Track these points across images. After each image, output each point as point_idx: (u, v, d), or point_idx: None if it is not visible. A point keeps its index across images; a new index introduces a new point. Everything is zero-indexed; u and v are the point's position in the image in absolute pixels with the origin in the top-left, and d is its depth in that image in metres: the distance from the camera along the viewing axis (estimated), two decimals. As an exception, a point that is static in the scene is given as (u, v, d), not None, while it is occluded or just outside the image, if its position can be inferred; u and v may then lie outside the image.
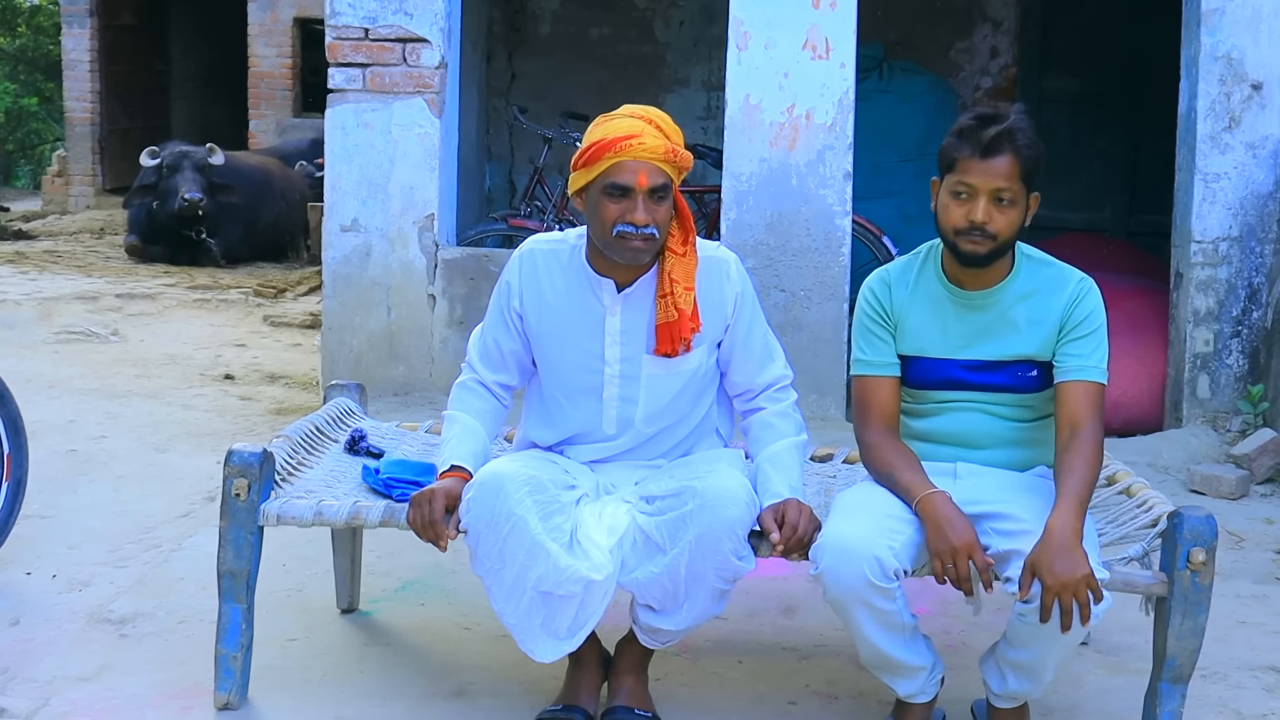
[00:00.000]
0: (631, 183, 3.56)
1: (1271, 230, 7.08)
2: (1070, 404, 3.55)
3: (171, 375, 8.41)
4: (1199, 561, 3.46)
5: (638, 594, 3.62)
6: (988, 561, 3.40)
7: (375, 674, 4.15)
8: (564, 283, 3.77)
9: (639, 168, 3.56)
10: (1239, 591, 5.05)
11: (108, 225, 15.70)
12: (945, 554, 3.38)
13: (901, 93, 9.73)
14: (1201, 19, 7.04)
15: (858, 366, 3.74)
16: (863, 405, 3.73)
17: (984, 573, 3.39)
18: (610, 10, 10.91)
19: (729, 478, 3.61)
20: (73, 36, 17.23)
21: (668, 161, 3.58)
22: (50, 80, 20.92)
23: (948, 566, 3.38)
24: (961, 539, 3.37)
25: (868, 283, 3.77)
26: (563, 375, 3.81)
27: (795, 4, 7.20)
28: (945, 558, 3.38)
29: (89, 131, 17.30)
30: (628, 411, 3.78)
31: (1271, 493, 6.32)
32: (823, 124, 7.21)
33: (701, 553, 3.50)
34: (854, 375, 3.76)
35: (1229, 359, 7.08)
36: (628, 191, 3.56)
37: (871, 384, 3.71)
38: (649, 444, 3.83)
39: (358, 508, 3.75)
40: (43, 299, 10.84)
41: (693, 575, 3.52)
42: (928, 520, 3.43)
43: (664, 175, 3.58)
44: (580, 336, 3.77)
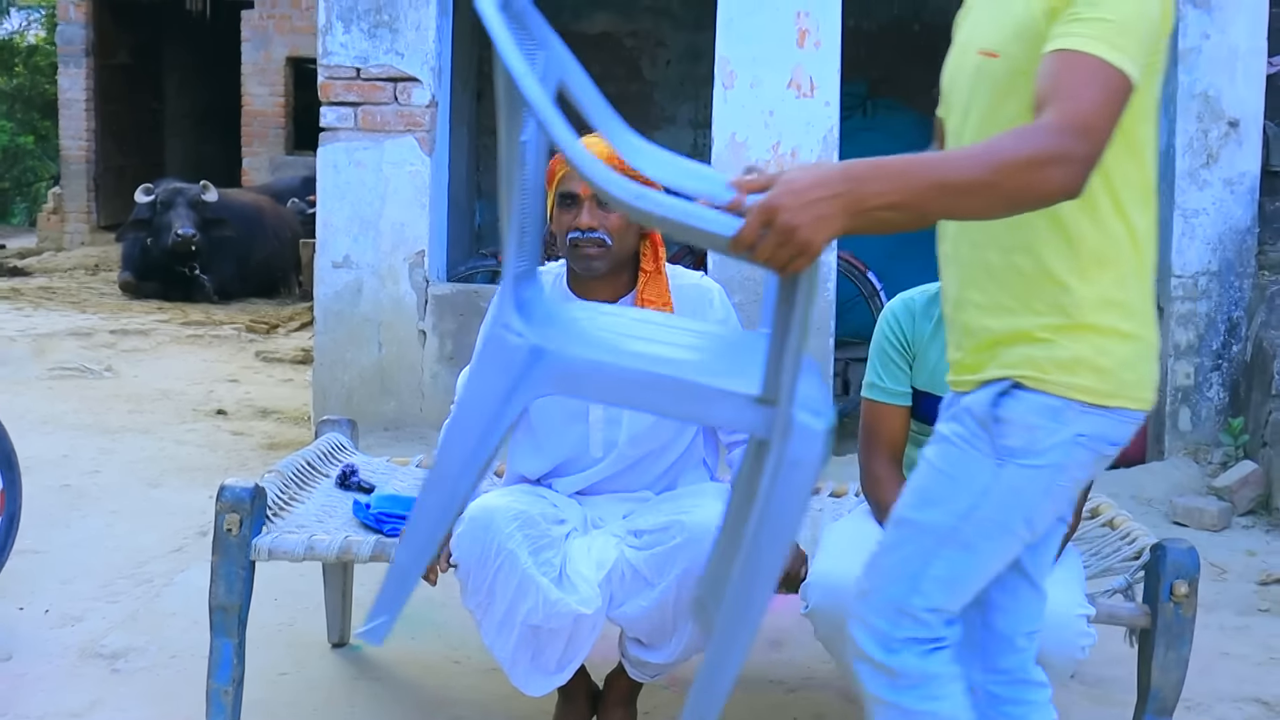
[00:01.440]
0: (576, 189, 3.63)
1: (1250, 265, 7.09)
2: None
3: (164, 411, 8.39)
4: (1182, 593, 3.45)
5: (627, 628, 3.61)
6: None
7: (366, 708, 4.13)
8: None
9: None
10: (1222, 623, 5.04)
11: (102, 262, 15.68)
12: None
13: (886, 130, 9.75)
14: (1179, 58, 7.07)
15: (870, 390, 3.67)
16: (870, 431, 3.67)
17: None
18: (598, 49, 10.93)
19: (714, 511, 3.59)
20: (69, 76, 17.23)
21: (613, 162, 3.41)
22: (46, 119, 20.93)
23: None
24: None
25: (891, 307, 3.69)
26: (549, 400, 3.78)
27: (780, 43, 7.22)
28: None
29: (84, 169, 17.30)
30: (612, 433, 3.75)
31: (1253, 524, 6.32)
32: (808, 161, 7.22)
33: (689, 586, 3.48)
34: (864, 398, 3.69)
35: (1210, 392, 7.09)
36: (574, 199, 3.65)
37: (883, 411, 3.64)
38: (634, 471, 3.80)
39: (349, 542, 3.73)
40: (37, 335, 10.81)
41: (680, 610, 3.50)
42: None
43: None
44: None
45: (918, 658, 2.59)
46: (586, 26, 10.98)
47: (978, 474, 2.54)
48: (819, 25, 7.23)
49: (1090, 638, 3.31)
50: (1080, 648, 3.29)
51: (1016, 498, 2.55)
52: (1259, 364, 6.86)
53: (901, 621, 2.58)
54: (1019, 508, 2.56)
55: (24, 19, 22.77)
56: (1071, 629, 3.28)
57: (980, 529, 2.56)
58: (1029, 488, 2.54)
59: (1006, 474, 2.53)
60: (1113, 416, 2.56)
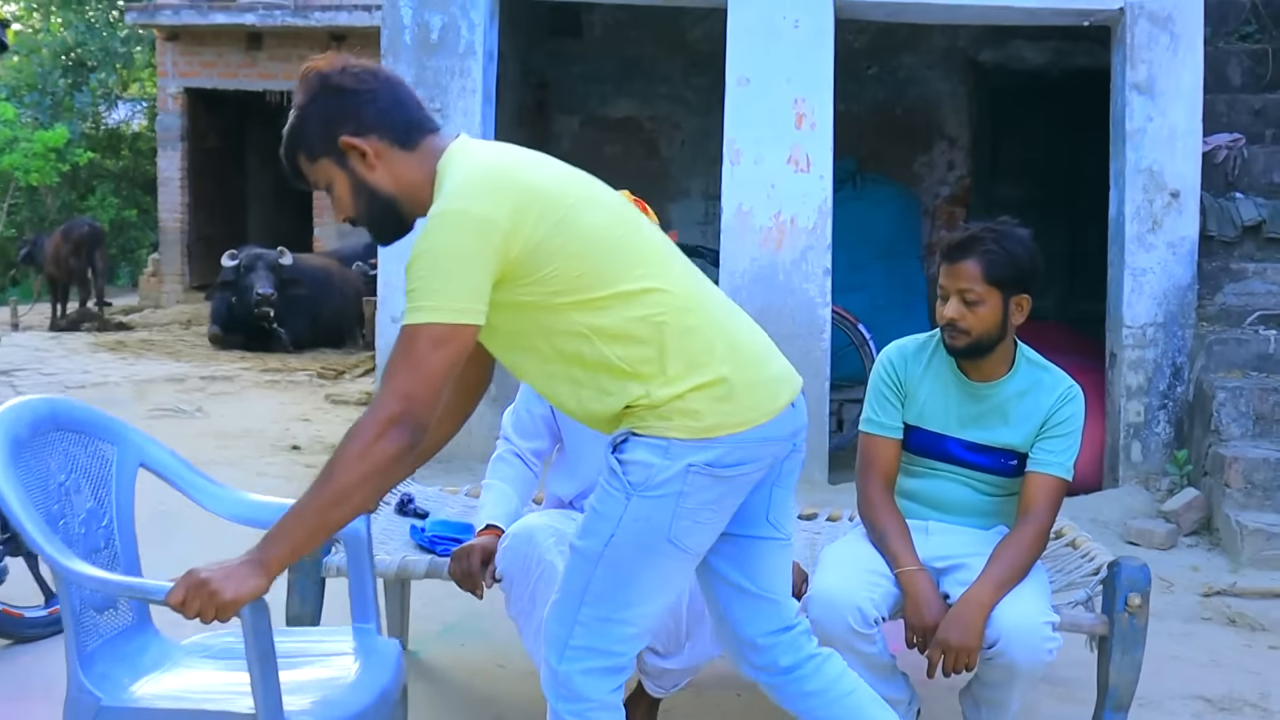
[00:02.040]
0: None
1: (1190, 317, 7.08)
2: (1031, 491, 3.52)
3: (247, 446, 8.39)
4: (1135, 604, 3.44)
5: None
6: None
7: (423, 706, 4.10)
8: None
9: None
10: (1170, 630, 5.01)
11: (194, 318, 15.73)
12: (919, 629, 3.38)
13: (872, 200, 9.75)
14: (1127, 137, 7.09)
15: (867, 425, 3.67)
16: (867, 460, 3.67)
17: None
18: (621, 131, 10.98)
19: None
20: (166, 158, 17.34)
21: None
22: (147, 195, 21.05)
23: (918, 639, 3.37)
24: (934, 619, 3.36)
25: (886, 352, 3.70)
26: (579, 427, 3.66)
27: (780, 125, 7.24)
28: (919, 632, 3.38)
29: (178, 238, 17.39)
30: None
31: (1196, 543, 6.29)
32: (805, 227, 7.23)
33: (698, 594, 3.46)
34: (861, 431, 3.69)
35: (1157, 428, 7.06)
36: None
37: (878, 442, 3.65)
38: None
39: (406, 562, 3.72)
40: (139, 380, 10.85)
41: (693, 614, 3.47)
42: (908, 594, 3.41)
43: None
44: None
45: (582, 674, 2.72)
46: (611, 111, 11.02)
47: (615, 507, 2.66)
48: (814, 110, 7.25)
49: (1056, 642, 3.29)
50: (1047, 651, 3.28)
51: (648, 523, 2.64)
52: (1200, 403, 6.83)
53: (574, 630, 2.72)
54: (654, 530, 2.65)
55: (129, 110, 22.93)
56: (1039, 635, 3.27)
57: (622, 551, 2.66)
58: (656, 513, 2.63)
59: (634, 505, 2.64)
60: (719, 444, 2.63)
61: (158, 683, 2.79)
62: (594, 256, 2.60)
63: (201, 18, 16.43)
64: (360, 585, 3.11)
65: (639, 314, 2.61)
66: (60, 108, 20.35)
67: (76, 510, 2.84)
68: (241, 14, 16.19)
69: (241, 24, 16.21)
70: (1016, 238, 3.50)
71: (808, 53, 7.26)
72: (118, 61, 21.20)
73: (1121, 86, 7.20)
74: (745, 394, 2.66)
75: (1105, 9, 7.21)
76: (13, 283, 20.99)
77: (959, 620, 3.29)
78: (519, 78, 10.35)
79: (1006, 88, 10.69)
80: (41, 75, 20.40)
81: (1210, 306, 7.32)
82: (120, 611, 2.89)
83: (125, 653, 2.84)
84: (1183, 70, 7.10)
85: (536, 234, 2.54)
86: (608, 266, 2.62)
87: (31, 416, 2.75)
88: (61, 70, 20.69)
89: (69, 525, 2.79)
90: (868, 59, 10.62)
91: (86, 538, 2.84)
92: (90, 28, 21.24)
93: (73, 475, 2.86)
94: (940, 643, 3.29)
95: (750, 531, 2.86)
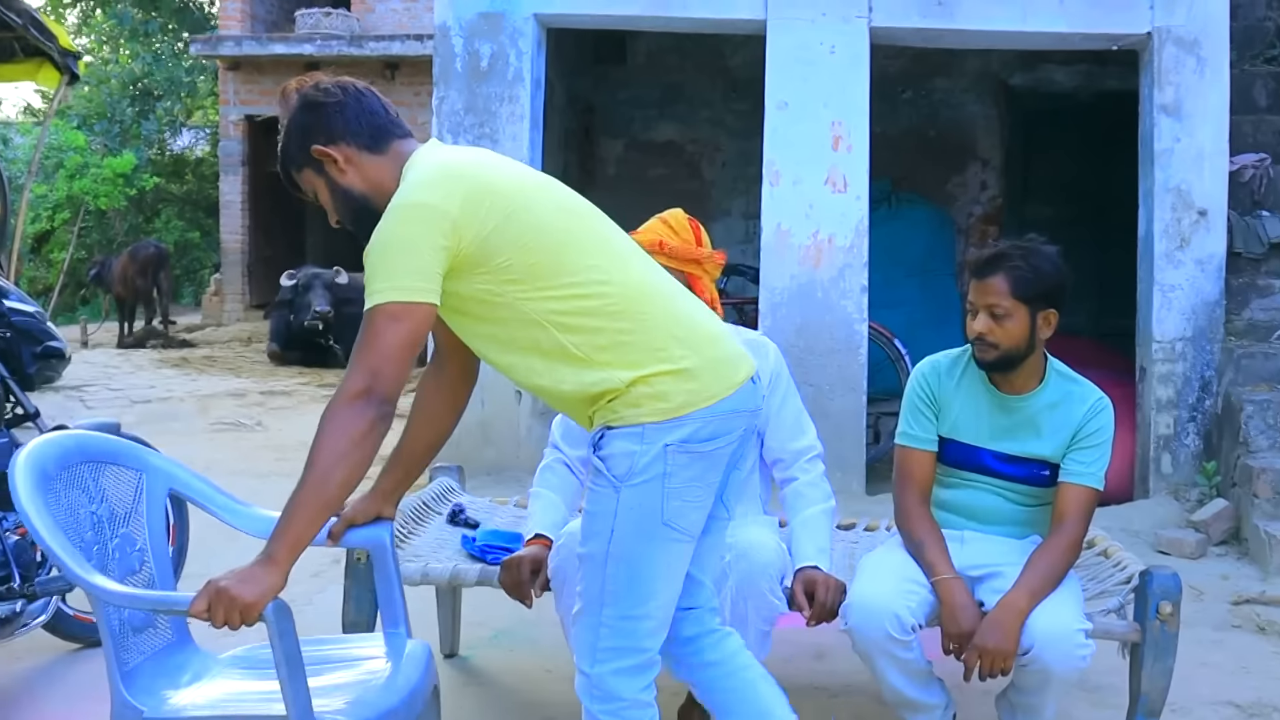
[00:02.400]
0: None
1: (1219, 332, 7.02)
2: (1064, 502, 3.49)
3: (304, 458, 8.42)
4: (1167, 612, 3.40)
5: None
6: None
7: (473, 708, 4.11)
8: None
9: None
10: (1200, 638, 4.95)
11: (254, 335, 15.85)
12: (955, 637, 3.36)
13: (907, 219, 9.74)
14: (1155, 157, 7.04)
15: (902, 438, 3.66)
16: (903, 473, 3.66)
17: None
18: (665, 155, 10.99)
19: (759, 533, 3.55)
20: (228, 182, 17.50)
21: (689, 260, 3.56)
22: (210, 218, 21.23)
23: (955, 646, 3.35)
24: (971, 626, 3.34)
25: (920, 368, 3.69)
26: None
27: (818, 148, 7.23)
28: (955, 639, 3.36)
29: (239, 259, 17.52)
30: None
31: (1225, 553, 6.22)
32: (842, 246, 7.21)
33: (742, 596, 3.44)
34: (898, 445, 3.68)
35: (1187, 440, 7.00)
36: None
37: (913, 455, 3.64)
38: None
39: (458, 570, 3.72)
40: (201, 395, 10.93)
41: (737, 619, 3.45)
42: (944, 603, 3.39)
43: (681, 274, 3.52)
44: None
45: (614, 675, 2.77)
46: (655, 135, 11.04)
47: (607, 504, 2.72)
48: (850, 132, 7.24)
49: (1089, 649, 3.27)
50: (1081, 657, 3.25)
51: (641, 510, 2.71)
52: (1228, 416, 6.77)
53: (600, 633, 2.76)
54: (648, 516, 2.71)
55: (193, 137, 23.14)
56: (1073, 642, 3.24)
57: (625, 545, 2.72)
58: (647, 499, 2.70)
59: (624, 496, 2.70)
60: (691, 420, 2.70)
61: (196, 694, 2.83)
62: (546, 248, 2.68)
63: (262, 48, 16.58)
64: (388, 591, 3.14)
65: (593, 304, 2.69)
66: (128, 135, 20.56)
67: (110, 537, 2.89)
68: (300, 44, 16.31)
69: (300, 54, 16.34)
70: (1043, 254, 3.48)
71: (844, 77, 7.25)
72: (182, 90, 21.41)
73: (1150, 108, 7.16)
74: (707, 371, 2.74)
75: (1133, 33, 7.17)
76: (83, 302, 21.20)
77: (996, 625, 3.28)
78: (565, 103, 10.39)
79: (1037, 110, 10.65)
80: (110, 104, 20.62)
81: (1238, 321, 7.26)
82: (160, 629, 2.93)
83: (167, 667, 2.88)
84: (1209, 92, 7.05)
85: (488, 224, 2.63)
86: (561, 258, 2.69)
87: (58, 452, 2.81)
88: (129, 99, 20.90)
89: (104, 552, 2.84)
90: (903, 83, 10.60)
91: (122, 562, 2.89)
92: (157, 59, 21.45)
93: (103, 504, 2.90)
94: (977, 647, 3.27)
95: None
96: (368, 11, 17.15)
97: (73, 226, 19.87)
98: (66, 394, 10.42)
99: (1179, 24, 7.06)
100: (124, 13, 22.35)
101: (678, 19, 7.44)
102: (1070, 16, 7.17)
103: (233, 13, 17.39)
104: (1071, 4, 7.17)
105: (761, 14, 7.26)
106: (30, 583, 4.14)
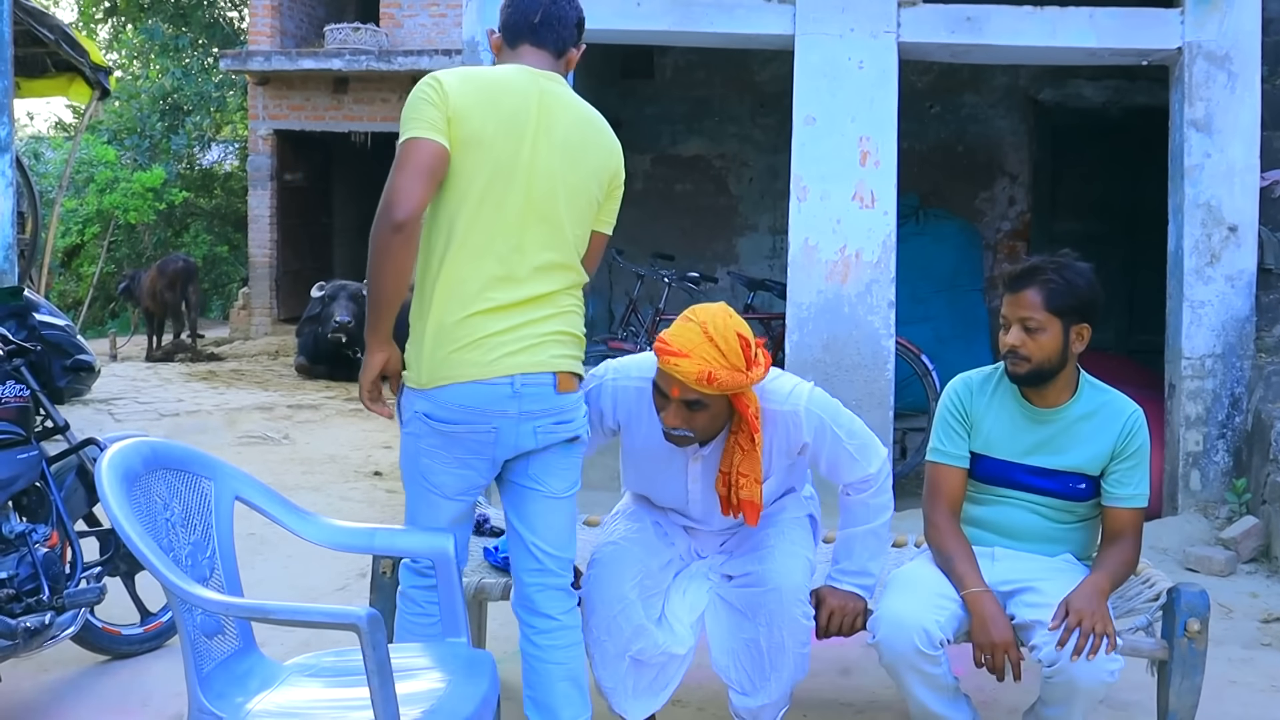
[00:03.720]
0: (668, 390, 3.33)
1: (1249, 348, 6.99)
2: (1118, 523, 3.56)
3: (331, 472, 8.47)
4: (1195, 630, 3.41)
5: (728, 680, 3.55)
6: (1020, 657, 3.39)
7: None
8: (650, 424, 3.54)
9: (674, 383, 3.30)
10: (1229, 655, 4.93)
11: (281, 349, 15.91)
12: (986, 648, 3.37)
13: (935, 234, 9.72)
14: (1185, 173, 7.02)
15: (933, 454, 3.69)
16: (934, 488, 3.68)
17: (1015, 666, 3.37)
18: (692, 169, 11.01)
19: (789, 557, 3.56)
20: (256, 196, 17.58)
21: (701, 385, 3.27)
22: (238, 232, 21.35)
23: (986, 658, 3.36)
24: (1001, 637, 3.36)
25: (953, 385, 3.72)
26: (652, 488, 3.78)
27: (845, 163, 7.23)
28: (986, 650, 3.37)
29: (267, 273, 17.59)
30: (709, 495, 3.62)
31: (1255, 570, 6.19)
32: (870, 261, 7.21)
33: (777, 622, 3.45)
34: (929, 460, 3.71)
35: (1216, 457, 6.97)
36: (666, 396, 3.35)
37: (944, 471, 3.67)
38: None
39: (483, 584, 3.75)
40: (229, 409, 10.98)
41: (773, 645, 3.46)
42: (974, 614, 3.40)
43: (696, 394, 3.30)
44: (666, 473, 3.65)
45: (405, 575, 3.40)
46: (682, 150, 11.06)
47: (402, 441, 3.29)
48: (878, 147, 7.24)
49: (1117, 664, 3.27)
50: (1109, 672, 3.26)
51: (405, 457, 3.29)
52: (1258, 433, 6.73)
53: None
54: (408, 464, 3.28)
55: (222, 151, 23.27)
56: (1101, 657, 3.24)
57: (406, 479, 3.30)
58: (406, 449, 3.27)
59: (401, 440, 3.28)
60: (425, 398, 3.18)
61: (268, 700, 2.85)
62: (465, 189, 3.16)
63: (291, 63, 16.67)
64: (450, 603, 3.18)
65: (439, 247, 3.17)
66: (158, 150, 20.69)
67: (183, 543, 2.93)
68: (329, 59, 16.40)
69: (329, 69, 16.43)
70: (1077, 269, 3.50)
71: (872, 92, 7.25)
72: (211, 105, 21.53)
73: (1180, 124, 7.14)
74: (441, 361, 3.15)
75: (1164, 49, 7.15)
76: (112, 316, 21.34)
77: (1082, 595, 3.32)
78: (593, 118, 10.41)
79: (1066, 125, 10.63)
80: (141, 119, 20.76)
81: (1268, 338, 7.22)
82: (228, 636, 2.97)
83: (236, 674, 2.91)
84: (1240, 108, 7.03)
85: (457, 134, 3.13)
86: (465, 198, 3.16)
87: (138, 456, 2.86)
88: (159, 114, 21.04)
89: (178, 557, 2.88)
90: (931, 98, 10.60)
91: (194, 568, 2.94)
92: (186, 74, 21.59)
93: (177, 510, 2.95)
94: (1074, 612, 3.28)
95: (518, 480, 3.31)
96: (396, 27, 17.23)
97: (102, 240, 20.00)
98: (95, 407, 10.49)
99: (1210, 39, 7.04)
100: (155, 28, 22.49)
101: (705, 34, 7.46)
102: (1100, 31, 7.16)
103: (262, 28, 17.49)
104: (1101, 19, 7.16)
105: (790, 29, 7.27)
106: (59, 595, 4.18)
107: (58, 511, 4.38)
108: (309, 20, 18.62)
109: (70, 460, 4.64)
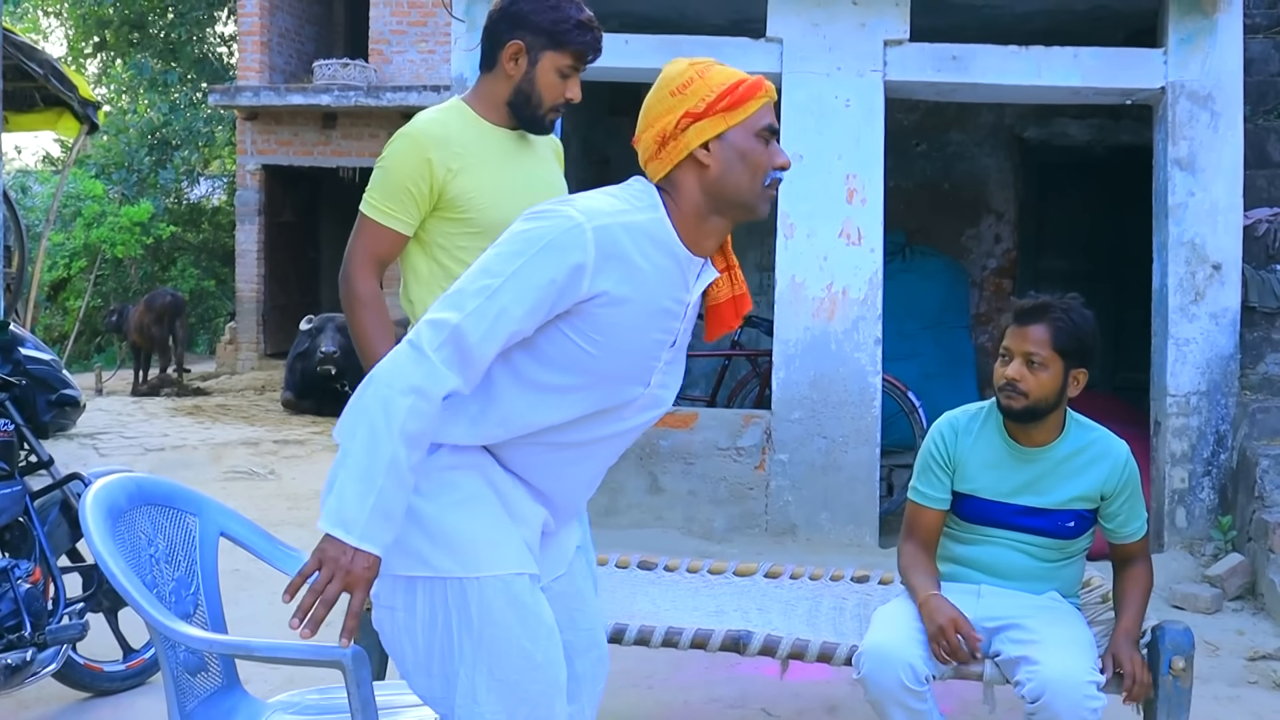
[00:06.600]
0: (777, 125, 2.73)
1: (1234, 386, 7.01)
2: (1129, 552, 3.65)
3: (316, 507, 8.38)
4: (1180, 667, 3.40)
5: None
6: (975, 636, 3.40)
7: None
8: (653, 265, 2.68)
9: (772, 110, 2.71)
10: (1215, 693, 4.92)
11: (268, 384, 15.89)
12: (936, 634, 3.37)
13: (921, 271, 9.74)
14: (1169, 211, 7.06)
15: (913, 494, 3.71)
16: (909, 524, 3.72)
17: (970, 640, 3.38)
18: (679, 207, 11.01)
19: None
20: (244, 231, 17.60)
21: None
22: (225, 266, 21.34)
23: (941, 644, 3.36)
24: (946, 616, 3.39)
25: (938, 425, 3.73)
26: (616, 367, 2.65)
27: (832, 200, 7.27)
28: (937, 637, 3.37)
29: (254, 307, 17.59)
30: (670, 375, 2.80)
31: (1241, 608, 6.18)
32: (856, 298, 7.23)
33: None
34: (908, 499, 3.74)
35: (1202, 494, 6.98)
36: (777, 135, 2.73)
37: (921, 511, 3.70)
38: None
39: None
40: (214, 444, 10.95)
41: None
42: (924, 615, 3.43)
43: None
44: (657, 327, 2.70)
45: None
46: (670, 188, 11.07)
47: None
48: (865, 185, 7.28)
49: (1100, 701, 3.27)
50: (1091, 710, 3.25)
51: None
52: (1244, 470, 6.75)
53: None
54: None
55: (210, 186, 23.30)
56: (1083, 692, 3.24)
57: None
58: None
59: None
60: None
61: None
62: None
63: (279, 99, 16.71)
64: None
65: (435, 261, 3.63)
66: (145, 184, 20.70)
67: (167, 579, 2.92)
68: (317, 95, 16.45)
69: (317, 105, 16.47)
70: (1084, 314, 3.56)
71: (859, 130, 7.30)
72: (200, 140, 21.57)
73: (1163, 162, 7.18)
74: None
75: (1147, 88, 7.21)
76: (98, 350, 21.29)
77: (1122, 646, 3.42)
78: (581, 154, 10.44)
79: (1051, 163, 10.68)
80: (129, 154, 20.78)
81: (1253, 375, 7.25)
82: (211, 673, 2.95)
83: (219, 711, 2.90)
84: (1223, 147, 7.08)
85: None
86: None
87: (123, 491, 2.85)
88: (147, 149, 21.06)
89: (161, 593, 2.87)
90: (917, 136, 10.65)
91: (178, 604, 2.92)
92: (175, 109, 21.63)
93: (161, 546, 2.94)
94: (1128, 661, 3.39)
95: None
96: (385, 63, 17.29)
97: (89, 274, 19.98)
98: (80, 441, 10.46)
99: (1193, 79, 7.10)
100: (144, 63, 22.53)
101: (693, 72, 7.48)
102: (1084, 71, 7.21)
103: (251, 63, 17.54)
104: (1086, 59, 7.21)
105: (777, 67, 7.32)
106: (41, 631, 4.15)
107: (41, 547, 4.36)
108: (298, 56, 18.68)
109: (54, 495, 4.63)
